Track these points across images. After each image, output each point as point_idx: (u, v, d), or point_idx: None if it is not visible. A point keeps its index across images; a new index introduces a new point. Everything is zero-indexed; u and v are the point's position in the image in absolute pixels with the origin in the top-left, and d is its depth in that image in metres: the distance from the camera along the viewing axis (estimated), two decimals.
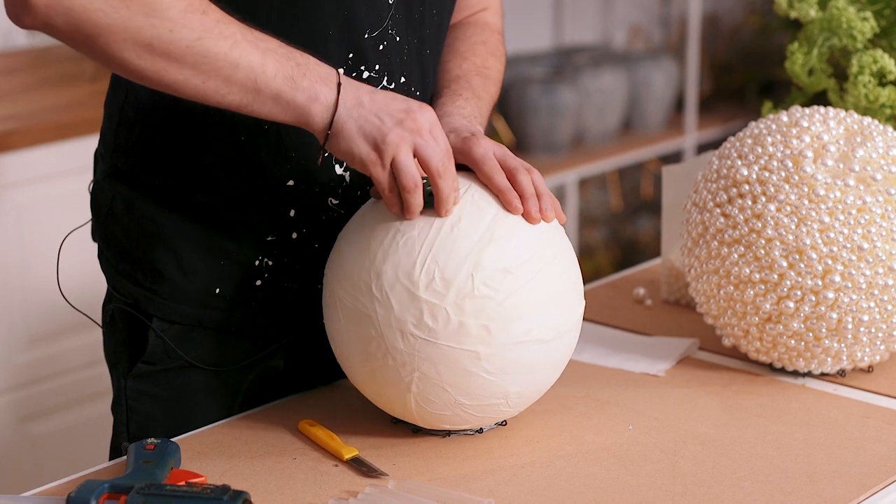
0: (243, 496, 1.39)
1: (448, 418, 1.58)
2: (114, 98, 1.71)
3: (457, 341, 1.51)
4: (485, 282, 1.51)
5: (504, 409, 1.59)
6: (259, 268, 1.67)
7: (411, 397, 1.55)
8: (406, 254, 1.52)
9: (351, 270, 1.55)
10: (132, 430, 1.72)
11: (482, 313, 1.51)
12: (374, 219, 1.56)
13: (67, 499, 1.41)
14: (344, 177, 1.67)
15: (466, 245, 1.52)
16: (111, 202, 1.71)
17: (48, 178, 2.89)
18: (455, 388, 1.54)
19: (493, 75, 1.78)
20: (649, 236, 4.72)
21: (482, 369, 1.53)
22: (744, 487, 1.52)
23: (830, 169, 1.71)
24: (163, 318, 1.68)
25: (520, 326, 1.53)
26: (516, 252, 1.53)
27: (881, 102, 1.95)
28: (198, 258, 1.67)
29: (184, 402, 1.71)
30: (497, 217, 1.54)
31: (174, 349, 1.68)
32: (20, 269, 2.85)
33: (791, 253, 1.70)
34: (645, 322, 2.00)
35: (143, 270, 1.68)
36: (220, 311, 1.68)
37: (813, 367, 1.78)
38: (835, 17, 1.98)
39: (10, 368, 2.88)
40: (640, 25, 4.86)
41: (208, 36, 1.46)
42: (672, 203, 2.07)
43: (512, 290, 1.52)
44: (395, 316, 1.52)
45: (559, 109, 4.16)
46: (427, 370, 1.53)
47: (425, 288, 1.51)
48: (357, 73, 1.63)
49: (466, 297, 1.51)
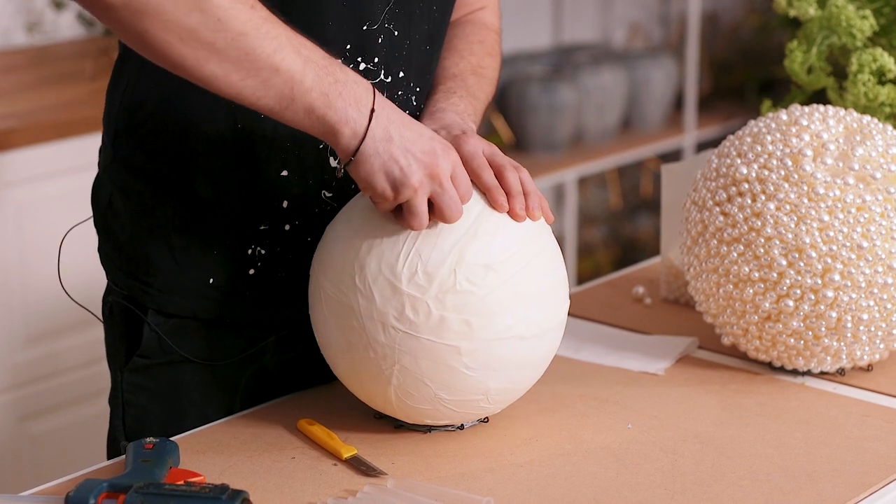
0: (242, 495, 1.39)
1: (428, 413, 1.58)
2: (116, 87, 1.72)
3: (438, 335, 1.52)
4: (467, 277, 1.52)
5: (484, 405, 1.59)
6: (252, 257, 1.68)
7: (392, 390, 1.56)
8: (390, 247, 1.53)
9: (336, 262, 1.56)
10: (128, 424, 1.73)
11: (464, 308, 1.52)
12: (362, 212, 1.57)
13: (66, 498, 1.41)
14: (338, 169, 1.67)
15: (450, 240, 1.52)
16: (110, 195, 1.71)
17: (48, 177, 2.89)
18: (435, 382, 1.54)
19: (488, 74, 1.79)
20: (648, 235, 4.72)
21: (463, 364, 1.53)
22: (743, 486, 1.52)
23: (830, 167, 1.71)
24: (158, 311, 1.69)
25: (501, 322, 1.53)
26: (499, 248, 1.54)
27: (880, 101, 1.95)
28: (191, 248, 1.67)
29: (179, 396, 1.72)
30: (482, 214, 1.55)
31: (168, 343, 1.69)
32: (20, 267, 2.85)
33: (790, 251, 1.70)
34: (644, 321, 2.00)
35: (138, 262, 1.69)
36: (214, 301, 1.69)
37: (812, 365, 1.78)
38: (834, 15, 1.98)
39: (9, 367, 2.88)
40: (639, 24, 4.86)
41: (255, 33, 1.44)
42: (671, 201, 2.07)
43: (494, 286, 1.52)
44: (378, 308, 1.52)
45: (559, 108, 4.16)
46: (408, 363, 1.53)
47: (408, 281, 1.51)
48: (354, 65, 1.63)
49: (448, 292, 1.51)
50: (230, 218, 1.67)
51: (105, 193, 1.73)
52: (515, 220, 1.56)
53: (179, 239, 1.67)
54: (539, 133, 4.17)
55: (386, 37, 1.65)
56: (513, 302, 1.54)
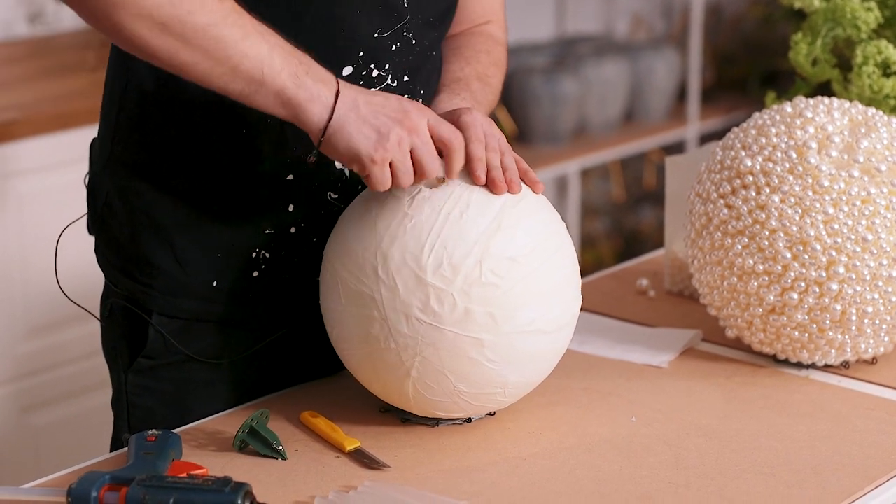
0: (245, 488, 1.39)
1: (445, 405, 1.58)
2: (114, 85, 1.71)
3: (462, 328, 1.51)
4: (492, 269, 1.51)
5: (500, 398, 1.59)
6: (256, 260, 1.67)
7: (410, 382, 1.55)
8: (414, 238, 1.52)
9: (355, 251, 1.55)
10: (133, 426, 1.72)
11: (488, 301, 1.51)
12: (381, 201, 1.56)
13: (68, 490, 1.41)
14: (343, 171, 1.67)
15: (475, 232, 1.52)
16: (107, 195, 1.70)
17: (50, 168, 2.88)
18: (456, 374, 1.54)
19: (492, 83, 1.80)
20: (652, 227, 4.71)
21: (485, 357, 1.53)
22: (747, 480, 1.52)
23: (835, 160, 1.70)
24: (161, 314, 1.68)
25: (524, 316, 1.53)
26: (523, 241, 1.54)
27: (885, 93, 1.94)
28: (194, 251, 1.66)
29: (185, 396, 1.71)
30: (505, 206, 1.55)
31: (174, 344, 1.68)
32: (21, 259, 2.84)
33: (795, 244, 1.69)
34: (648, 313, 2.00)
35: (139, 265, 1.68)
36: (219, 304, 1.68)
37: (817, 358, 1.77)
38: (839, 6, 1.98)
39: (10, 359, 2.87)
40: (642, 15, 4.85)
41: (223, 22, 1.48)
42: (675, 193, 2.06)
43: (518, 279, 1.52)
44: (401, 299, 1.52)
45: (561, 99, 4.15)
46: (430, 355, 1.53)
47: (433, 272, 1.51)
48: (367, 72, 1.64)
49: (474, 284, 1.51)
50: (235, 222, 1.66)
51: (102, 193, 1.71)
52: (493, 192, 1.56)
53: (182, 241, 1.66)
54: (542, 125, 4.16)
55: (401, 44, 1.66)
56: (535, 295, 1.54)
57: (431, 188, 1.55)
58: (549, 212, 1.61)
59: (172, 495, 1.37)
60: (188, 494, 1.37)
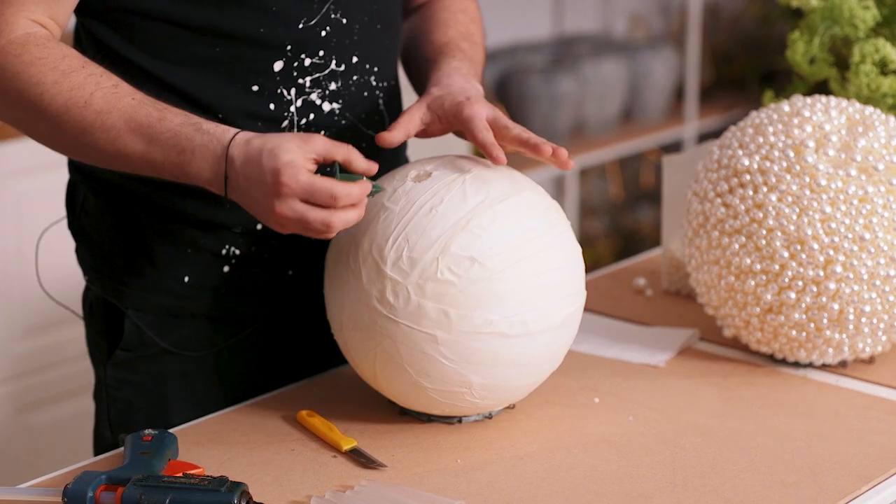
0: (241, 487, 1.39)
1: (414, 399, 1.58)
2: None
3: (415, 322, 1.52)
4: (449, 267, 1.52)
5: (470, 398, 1.58)
6: (226, 256, 1.69)
7: (377, 372, 1.57)
8: (383, 229, 1.54)
9: (339, 237, 1.58)
10: (113, 419, 1.74)
11: (442, 297, 1.52)
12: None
13: (64, 490, 1.41)
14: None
15: (440, 228, 1.52)
16: (84, 196, 1.73)
17: (46, 168, 2.87)
18: (414, 368, 1.55)
19: (477, 40, 1.80)
20: (650, 226, 4.71)
21: (440, 354, 1.53)
22: (744, 479, 1.52)
23: (832, 159, 1.70)
24: (137, 310, 1.70)
25: (481, 317, 1.52)
26: (489, 243, 1.52)
27: (883, 92, 1.94)
28: (165, 249, 1.69)
29: (162, 388, 1.73)
30: (480, 206, 1.54)
31: (149, 335, 1.69)
32: (18, 258, 2.84)
33: (792, 243, 1.69)
34: (645, 312, 2.00)
35: (114, 264, 1.71)
36: (191, 299, 1.70)
37: (814, 358, 1.77)
38: (836, 5, 1.97)
39: (7, 359, 2.87)
40: (640, 14, 4.85)
41: (91, 130, 1.52)
42: (673, 193, 2.06)
43: (476, 280, 1.52)
44: (363, 288, 1.54)
45: (559, 98, 4.15)
46: (388, 347, 1.54)
47: (392, 265, 1.52)
48: (299, 62, 1.64)
49: (429, 280, 1.51)
50: (202, 222, 1.67)
51: (79, 195, 1.75)
52: (539, 155, 1.56)
53: (153, 241, 1.69)
54: (539, 124, 4.16)
55: (332, 27, 1.65)
56: (496, 298, 1.52)
57: (419, 181, 1.56)
58: (537, 219, 1.57)
59: (168, 495, 1.37)
60: (184, 494, 1.37)
